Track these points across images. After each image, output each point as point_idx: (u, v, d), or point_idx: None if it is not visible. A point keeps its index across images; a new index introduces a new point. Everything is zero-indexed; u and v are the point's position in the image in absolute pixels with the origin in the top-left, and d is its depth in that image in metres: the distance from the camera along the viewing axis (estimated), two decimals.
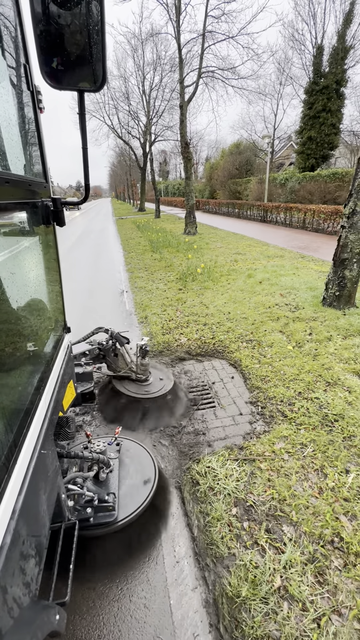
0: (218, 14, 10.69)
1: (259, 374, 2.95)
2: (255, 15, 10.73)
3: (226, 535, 1.58)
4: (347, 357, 3.06)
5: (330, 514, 1.65)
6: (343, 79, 18.84)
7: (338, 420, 2.30)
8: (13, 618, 0.60)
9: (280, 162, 32.19)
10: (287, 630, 1.23)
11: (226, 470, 1.94)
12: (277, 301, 4.63)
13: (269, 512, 1.69)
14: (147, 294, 5.41)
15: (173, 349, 3.51)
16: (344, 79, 18.87)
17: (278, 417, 2.43)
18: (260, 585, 1.37)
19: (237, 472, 1.93)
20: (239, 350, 3.40)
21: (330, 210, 11.52)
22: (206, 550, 1.54)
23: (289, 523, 1.63)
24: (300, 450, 2.08)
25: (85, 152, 1.15)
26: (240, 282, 5.76)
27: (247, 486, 1.84)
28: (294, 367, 3.00)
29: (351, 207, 3.60)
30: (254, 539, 1.56)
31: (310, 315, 4.03)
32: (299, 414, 2.42)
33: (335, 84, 18.94)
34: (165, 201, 38.59)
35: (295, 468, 1.95)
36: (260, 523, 1.64)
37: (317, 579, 1.40)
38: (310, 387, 2.71)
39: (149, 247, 9.81)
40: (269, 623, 1.26)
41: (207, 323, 4.08)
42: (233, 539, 1.57)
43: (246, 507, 1.73)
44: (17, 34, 0.97)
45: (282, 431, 2.25)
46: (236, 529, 1.62)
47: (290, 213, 14.26)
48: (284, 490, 1.80)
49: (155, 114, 21.50)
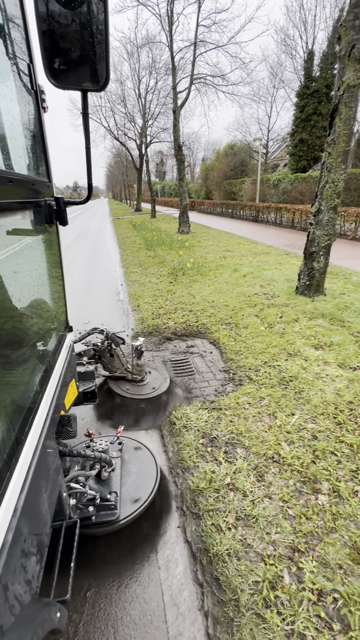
0: (209, 24, 11.26)
1: (234, 349, 3.45)
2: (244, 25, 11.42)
3: (193, 455, 2.08)
4: (308, 334, 3.57)
5: (274, 441, 2.15)
6: (333, 83, 19.43)
7: (292, 381, 2.80)
8: (14, 615, 0.60)
9: (275, 164, 32.81)
10: (230, 507, 1.72)
11: (198, 415, 2.44)
12: (257, 291, 5.14)
13: (228, 441, 2.19)
14: (140, 287, 5.90)
15: (161, 331, 4.01)
16: (333, 83, 19.46)
17: (245, 380, 2.93)
18: (215, 482, 1.86)
19: (206, 416, 2.43)
20: (218, 331, 3.90)
21: None
22: (177, 464, 2.04)
23: (242, 447, 2.13)
24: (259, 402, 2.59)
25: (88, 152, 1.15)
26: (226, 276, 6.27)
27: (213, 425, 2.34)
28: (263, 343, 3.50)
29: (317, 206, 4.12)
30: (214, 457, 2.06)
31: (283, 302, 4.54)
32: (262, 377, 2.92)
33: (326, 88, 19.57)
34: (162, 201, 39.13)
35: (252, 413, 2.45)
36: (220, 448, 2.14)
37: (257, 479, 1.90)
38: (274, 357, 3.21)
39: (144, 245, 10.30)
40: (219, 503, 1.75)
41: (193, 310, 4.57)
42: (198, 457, 2.06)
43: (211, 439, 2.23)
44: (21, 33, 0.98)
45: (246, 390, 2.75)
46: (201, 452, 2.11)
47: (280, 213, 14.82)
48: (242, 427, 2.30)
49: (150, 117, 22.00)
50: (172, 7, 10.59)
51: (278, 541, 1.56)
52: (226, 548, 1.52)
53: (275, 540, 1.56)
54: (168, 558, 1.56)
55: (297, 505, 1.72)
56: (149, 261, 8.09)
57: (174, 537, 1.65)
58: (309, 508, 1.71)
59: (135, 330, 4.08)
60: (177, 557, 1.56)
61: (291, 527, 1.62)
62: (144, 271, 7.12)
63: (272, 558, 1.49)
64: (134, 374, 2.67)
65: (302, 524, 1.63)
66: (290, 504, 1.73)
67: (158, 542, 1.63)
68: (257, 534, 1.59)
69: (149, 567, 1.52)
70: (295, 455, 2.03)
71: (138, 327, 4.15)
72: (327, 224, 4.13)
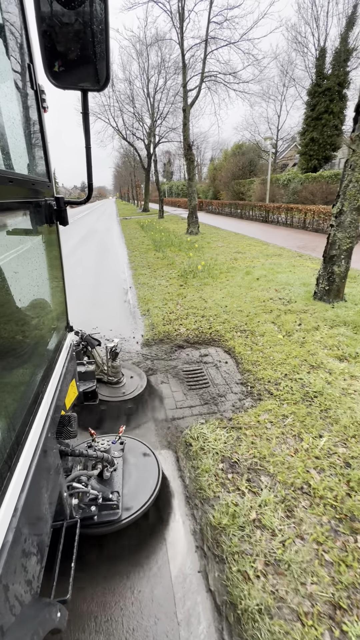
0: (220, 20, 11.02)
1: (251, 359, 3.24)
2: (257, 21, 11.08)
3: (213, 482, 1.88)
4: (331, 344, 3.34)
5: (302, 468, 1.94)
6: (345, 80, 19.04)
7: (317, 397, 2.58)
8: (15, 615, 0.60)
9: (284, 163, 32.41)
10: (257, 549, 1.52)
11: (215, 435, 2.24)
12: (272, 296, 4.91)
13: (251, 467, 1.98)
14: (150, 290, 5.72)
15: (173, 338, 3.81)
16: (346, 81, 19.07)
17: (265, 395, 2.72)
18: (239, 517, 1.66)
19: (225, 437, 2.23)
20: (233, 339, 3.69)
21: (329, 210, 11.75)
22: (195, 494, 1.84)
23: (266, 474, 1.93)
24: (282, 420, 2.37)
25: (88, 152, 1.14)
26: (239, 279, 6.05)
27: (233, 447, 2.14)
28: (282, 353, 3.28)
29: (339, 207, 3.88)
30: (236, 486, 1.86)
31: (301, 308, 4.31)
32: (283, 391, 2.70)
33: (338, 85, 19.15)
34: (169, 202, 38.96)
35: (276, 434, 2.24)
36: (242, 475, 1.93)
37: (287, 514, 1.69)
38: (295, 369, 2.99)
39: (152, 246, 10.13)
40: (244, 544, 1.55)
41: (205, 315, 4.37)
42: (218, 486, 1.86)
43: (231, 463, 2.02)
44: (21, 33, 0.97)
45: (267, 406, 2.54)
46: (221, 479, 1.91)
47: (291, 213, 14.51)
48: (265, 450, 2.09)
49: (159, 116, 21.85)
50: (183, 3, 10.40)
51: (315, 595, 1.35)
52: (256, 602, 1.32)
53: (312, 594, 1.35)
54: (189, 612, 1.36)
55: (334, 549, 1.51)
56: (158, 263, 7.91)
57: (195, 585, 1.45)
58: (348, 553, 1.49)
59: (145, 337, 3.89)
60: (199, 610, 1.36)
61: (329, 577, 1.41)
62: (153, 273, 6.94)
63: (310, 617, 1.28)
64: (110, 376, 2.63)
65: (341, 573, 1.42)
66: (326, 547, 1.52)
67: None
68: (290, 584, 1.39)
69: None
70: (327, 486, 1.81)
71: (148, 333, 3.96)
72: (349, 226, 3.89)
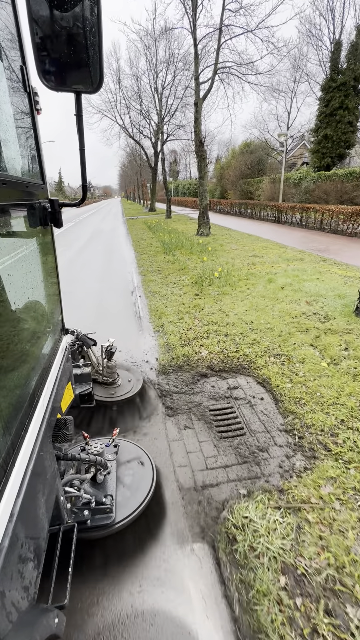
0: (236, 8, 10.35)
1: (292, 396, 2.63)
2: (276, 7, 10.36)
3: (277, 617, 1.27)
4: None
5: None
6: None
7: None
8: (12, 622, 0.59)
9: (292, 162, 31.57)
10: None
11: (268, 522, 1.63)
12: (304, 310, 4.28)
13: (326, 585, 1.38)
14: (162, 300, 5.12)
15: (193, 364, 3.21)
16: None
17: (320, 450, 2.10)
18: None
19: (280, 525, 1.62)
20: (266, 366, 3.08)
21: (351, 210, 11.05)
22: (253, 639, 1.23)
23: (353, 602, 1.32)
24: (354, 497, 1.76)
25: (82, 154, 1.15)
26: (261, 288, 5.42)
27: (295, 546, 1.53)
28: (331, 388, 2.66)
29: None
30: (312, 625, 1.25)
31: (343, 327, 3.68)
32: (345, 447, 2.09)
33: (354, 80, 18.41)
34: (176, 201, 38.33)
35: (350, 522, 1.62)
36: (317, 600, 1.33)
37: None
38: (354, 413, 2.37)
39: (161, 249, 9.53)
40: None
41: (229, 334, 3.76)
42: (286, 624, 1.26)
43: (297, 576, 1.41)
44: (13, 35, 0.98)
45: (327, 470, 1.93)
46: (288, 609, 1.30)
47: (306, 214, 13.80)
48: (342, 553, 1.48)
49: (167, 113, 21.25)
50: None
51: None
52: None
53: None
54: None
55: None
56: (169, 267, 7.32)
57: None
58: None
59: (161, 361, 3.29)
60: None
61: None
62: (164, 279, 6.34)
63: None
64: (105, 376, 2.58)
65: None
66: None
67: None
68: None
69: None
70: None
71: (164, 357, 3.36)
72: None
